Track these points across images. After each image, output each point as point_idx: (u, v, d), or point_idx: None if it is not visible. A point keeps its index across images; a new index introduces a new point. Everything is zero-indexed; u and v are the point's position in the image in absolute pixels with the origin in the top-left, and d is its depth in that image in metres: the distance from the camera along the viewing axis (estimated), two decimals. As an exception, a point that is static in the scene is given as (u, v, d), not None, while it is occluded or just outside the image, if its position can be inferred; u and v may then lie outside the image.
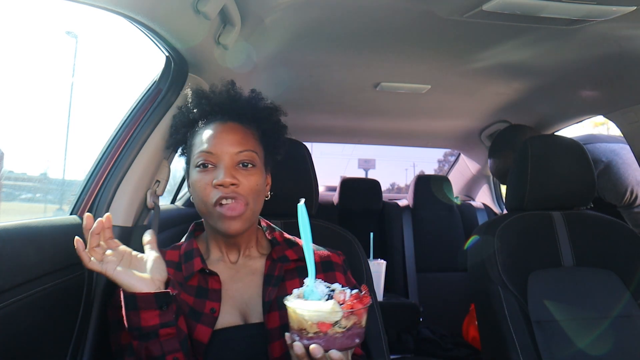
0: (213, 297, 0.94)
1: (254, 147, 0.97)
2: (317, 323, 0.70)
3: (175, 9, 0.97)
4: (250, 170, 0.95)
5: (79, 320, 1.01)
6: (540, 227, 1.47)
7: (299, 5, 1.20)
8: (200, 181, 0.93)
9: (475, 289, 1.50)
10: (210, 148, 0.94)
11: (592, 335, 1.31)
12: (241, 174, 0.94)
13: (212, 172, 0.93)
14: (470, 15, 1.20)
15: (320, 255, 1.06)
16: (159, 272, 0.83)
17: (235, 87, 1.06)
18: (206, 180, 0.93)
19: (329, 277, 1.01)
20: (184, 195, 2.29)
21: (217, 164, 0.94)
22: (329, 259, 1.06)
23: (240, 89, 1.07)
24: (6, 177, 2.62)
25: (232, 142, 0.94)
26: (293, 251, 1.04)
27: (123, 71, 23.02)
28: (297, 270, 1.02)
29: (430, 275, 2.84)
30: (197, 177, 0.94)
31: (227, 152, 0.93)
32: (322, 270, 1.03)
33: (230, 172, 0.92)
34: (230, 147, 0.94)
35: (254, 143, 0.98)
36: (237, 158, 0.94)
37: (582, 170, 1.48)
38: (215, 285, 0.95)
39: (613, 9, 1.13)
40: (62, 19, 11.61)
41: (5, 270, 0.75)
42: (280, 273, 0.99)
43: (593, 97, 1.88)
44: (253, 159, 0.96)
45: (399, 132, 2.89)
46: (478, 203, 3.22)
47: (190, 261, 0.98)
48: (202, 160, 0.94)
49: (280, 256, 1.02)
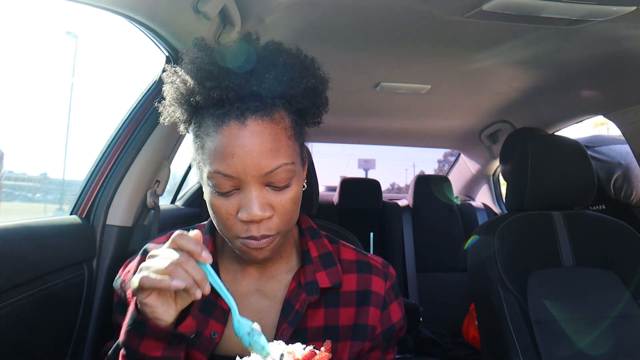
0: (218, 318, 0.76)
1: (287, 154, 0.69)
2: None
3: (175, 9, 0.97)
4: (284, 190, 0.70)
5: (79, 320, 1.01)
6: (540, 227, 1.47)
7: (299, 5, 1.20)
8: (219, 208, 0.69)
9: (475, 289, 1.50)
10: (227, 169, 0.66)
11: (592, 335, 1.31)
12: (273, 196, 0.69)
13: (234, 198, 0.68)
14: (470, 15, 1.20)
15: (358, 280, 0.82)
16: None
17: (254, 50, 0.70)
18: (228, 209, 0.68)
19: (360, 313, 0.80)
20: (184, 195, 2.30)
21: (240, 187, 0.68)
22: (367, 286, 0.81)
23: (258, 41, 0.74)
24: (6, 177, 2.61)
25: (257, 157, 0.66)
26: (327, 274, 0.80)
27: (123, 71, 23.00)
28: (325, 297, 0.79)
29: (430, 275, 2.84)
30: (214, 201, 0.69)
31: (252, 175, 0.66)
32: (356, 304, 0.80)
33: (260, 202, 0.67)
34: (256, 166, 0.66)
35: (287, 146, 0.69)
36: (266, 179, 0.68)
37: (582, 170, 1.48)
38: (224, 305, 0.76)
39: (613, 9, 1.13)
40: (62, 19, 11.60)
41: (5, 270, 0.75)
42: (302, 308, 0.76)
43: (593, 97, 1.88)
44: (288, 174, 0.69)
45: (399, 132, 2.89)
46: (478, 203, 3.22)
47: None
48: (219, 184, 0.68)
49: (308, 281, 0.78)
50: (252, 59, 0.68)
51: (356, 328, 0.79)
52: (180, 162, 2.25)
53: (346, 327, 0.79)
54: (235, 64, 0.68)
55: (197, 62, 0.68)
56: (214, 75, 0.67)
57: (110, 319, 1.08)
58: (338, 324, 0.78)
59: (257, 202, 0.67)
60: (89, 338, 1.04)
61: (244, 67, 0.68)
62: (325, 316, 0.78)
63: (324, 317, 0.78)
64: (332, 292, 0.80)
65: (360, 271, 0.83)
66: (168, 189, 1.35)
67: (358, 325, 0.79)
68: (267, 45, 0.73)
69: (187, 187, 2.38)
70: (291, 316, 0.76)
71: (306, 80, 0.71)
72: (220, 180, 0.67)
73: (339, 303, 0.79)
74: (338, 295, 0.80)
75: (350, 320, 0.79)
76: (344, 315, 0.79)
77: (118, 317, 0.81)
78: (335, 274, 0.80)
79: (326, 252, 0.83)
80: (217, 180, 0.67)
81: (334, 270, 0.81)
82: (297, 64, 0.71)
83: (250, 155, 0.66)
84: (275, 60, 0.69)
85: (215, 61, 0.68)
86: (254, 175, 0.66)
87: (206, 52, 0.69)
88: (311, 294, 0.77)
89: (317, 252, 0.82)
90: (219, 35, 1.20)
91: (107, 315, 1.08)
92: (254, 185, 0.67)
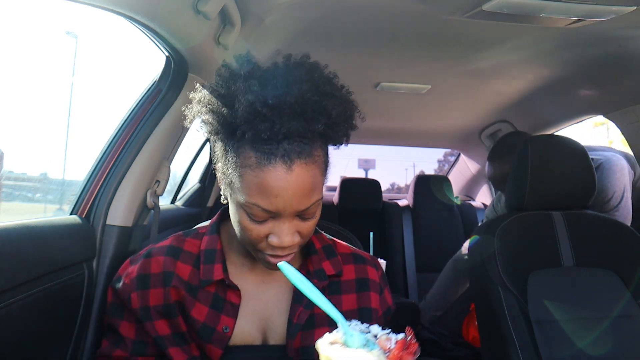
0: (229, 313, 0.81)
1: (320, 190, 0.74)
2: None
3: (175, 9, 0.97)
4: (311, 218, 0.76)
5: (79, 320, 1.01)
6: (540, 227, 1.47)
7: (299, 5, 1.20)
8: (250, 230, 0.73)
9: (475, 289, 1.50)
10: (269, 206, 0.70)
11: (592, 335, 1.31)
12: (302, 223, 0.75)
13: (267, 224, 0.73)
14: (470, 15, 1.20)
15: (356, 270, 0.90)
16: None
17: (307, 94, 0.70)
18: (259, 232, 0.73)
19: (362, 298, 0.88)
20: (184, 195, 2.30)
21: (275, 217, 0.73)
22: (364, 274, 0.90)
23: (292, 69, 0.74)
24: (6, 177, 2.62)
25: (299, 199, 0.71)
26: (331, 264, 0.88)
27: (123, 71, 23.01)
28: (328, 286, 0.86)
29: (430, 275, 2.83)
30: (247, 225, 0.73)
31: (290, 212, 0.72)
32: (356, 290, 0.88)
33: (291, 231, 0.73)
34: (296, 206, 0.71)
35: (320, 183, 0.74)
36: (299, 213, 0.73)
37: (582, 170, 1.48)
38: (234, 299, 0.82)
39: (613, 9, 1.13)
40: (62, 19, 11.62)
41: (5, 270, 0.75)
42: None
43: (593, 97, 1.88)
44: (318, 207, 0.76)
45: (399, 132, 2.89)
46: (478, 203, 3.23)
47: (210, 264, 0.83)
48: (255, 214, 0.72)
49: (317, 269, 0.86)
50: (296, 84, 0.70)
51: (361, 311, 0.86)
52: (180, 162, 2.25)
53: (350, 312, 0.85)
54: (282, 89, 0.69)
55: (249, 98, 0.67)
56: (267, 117, 0.67)
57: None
58: (342, 309, 0.82)
59: (289, 232, 0.73)
60: (89, 338, 1.04)
61: (290, 92, 0.68)
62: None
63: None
64: (334, 281, 0.87)
65: (357, 262, 0.91)
66: (168, 189, 1.35)
67: (362, 309, 0.87)
68: (309, 68, 0.75)
69: (187, 187, 2.38)
70: (305, 301, 0.80)
71: (344, 109, 0.74)
72: (258, 211, 0.71)
73: (341, 290, 0.87)
74: (339, 284, 0.87)
75: (353, 305, 0.87)
76: (346, 301, 0.86)
77: (114, 319, 0.84)
78: (337, 264, 0.88)
79: (327, 245, 0.91)
80: (254, 210, 0.71)
81: (335, 260, 0.88)
82: (336, 93, 0.73)
83: (293, 197, 0.70)
84: (318, 88, 0.71)
85: (267, 97, 0.68)
86: (291, 212, 0.71)
87: (260, 80, 0.70)
88: (321, 280, 0.84)
89: (320, 244, 0.90)
90: (219, 36, 1.20)
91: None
92: (289, 220, 0.73)
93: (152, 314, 0.81)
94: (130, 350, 0.82)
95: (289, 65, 0.75)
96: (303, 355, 0.81)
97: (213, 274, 0.82)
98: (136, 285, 0.81)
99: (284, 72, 0.72)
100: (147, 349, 0.83)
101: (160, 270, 0.82)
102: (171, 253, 0.84)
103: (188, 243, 0.87)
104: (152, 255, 0.84)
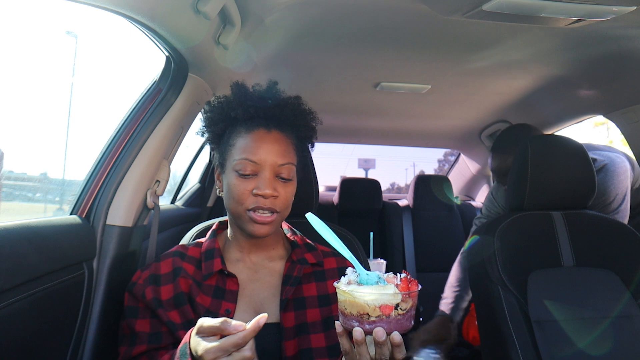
0: (229, 298, 0.96)
1: (292, 158, 1.00)
2: (380, 306, 0.72)
3: (175, 9, 0.97)
4: (287, 183, 0.99)
5: (79, 320, 1.01)
6: (540, 227, 1.47)
7: (299, 5, 1.20)
8: (238, 186, 0.96)
9: (475, 289, 1.50)
10: (254, 157, 0.95)
11: (592, 335, 1.31)
12: (280, 185, 0.97)
13: (252, 180, 0.96)
14: (470, 15, 1.20)
15: (337, 261, 1.09)
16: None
17: (279, 91, 1.05)
18: (246, 187, 0.95)
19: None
20: (184, 195, 2.30)
21: (258, 173, 0.96)
22: (345, 265, 1.07)
23: (282, 92, 1.06)
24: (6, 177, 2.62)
25: (275, 154, 0.97)
26: (312, 255, 1.06)
27: (123, 71, 23.01)
28: (314, 274, 1.04)
29: (430, 275, 2.84)
30: (236, 182, 0.96)
31: (270, 164, 0.96)
32: (339, 276, 1.02)
33: (271, 183, 0.96)
34: (274, 159, 0.96)
35: (293, 154, 1.01)
36: (278, 170, 0.97)
37: (582, 170, 1.48)
38: (232, 287, 0.98)
39: (613, 9, 1.13)
40: (62, 19, 11.62)
41: (5, 270, 0.75)
42: (299, 274, 1.01)
43: (593, 97, 1.88)
44: (291, 171, 0.99)
45: (399, 132, 2.89)
46: (478, 203, 3.23)
47: (210, 260, 0.99)
48: (244, 168, 0.95)
49: (299, 258, 1.05)
50: (278, 97, 1.04)
51: None
52: (180, 162, 2.25)
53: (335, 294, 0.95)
54: (267, 96, 1.03)
55: (239, 94, 1.02)
56: (253, 99, 1.01)
57: (110, 319, 1.08)
58: (328, 292, 1.02)
59: (269, 183, 0.95)
60: (88, 338, 1.04)
61: (273, 99, 1.03)
62: (317, 288, 1.03)
63: (316, 289, 1.02)
64: (318, 270, 1.05)
65: (337, 256, 1.09)
66: (168, 189, 1.35)
67: None
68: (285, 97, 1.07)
69: (187, 187, 2.38)
70: (291, 281, 1.00)
71: (308, 119, 1.07)
72: (246, 165, 0.95)
73: (326, 277, 1.05)
74: (324, 273, 1.06)
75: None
76: (331, 285, 0.98)
77: (130, 319, 0.94)
78: (318, 255, 1.07)
79: (308, 243, 1.10)
80: (243, 165, 0.96)
81: (316, 253, 1.08)
82: (304, 109, 1.07)
83: (271, 151, 0.97)
84: (291, 106, 1.05)
85: (254, 95, 1.02)
86: (270, 165, 0.96)
87: (246, 90, 1.04)
88: (304, 265, 1.03)
89: (302, 242, 1.10)
90: (219, 36, 1.20)
91: (107, 315, 1.08)
92: (269, 172, 0.96)
93: (165, 305, 0.93)
94: (147, 342, 0.91)
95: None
96: (298, 332, 0.95)
97: (213, 267, 0.98)
98: (149, 283, 0.95)
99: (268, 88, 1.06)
100: (162, 339, 0.92)
101: (169, 269, 0.98)
102: (178, 255, 1.01)
103: (191, 250, 1.03)
104: (161, 260, 1.00)
